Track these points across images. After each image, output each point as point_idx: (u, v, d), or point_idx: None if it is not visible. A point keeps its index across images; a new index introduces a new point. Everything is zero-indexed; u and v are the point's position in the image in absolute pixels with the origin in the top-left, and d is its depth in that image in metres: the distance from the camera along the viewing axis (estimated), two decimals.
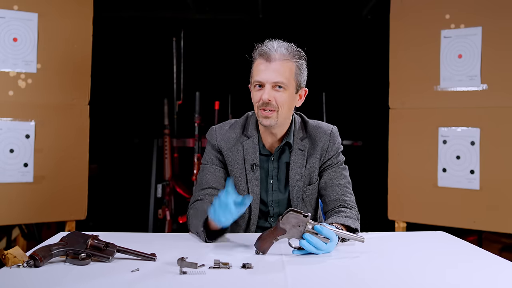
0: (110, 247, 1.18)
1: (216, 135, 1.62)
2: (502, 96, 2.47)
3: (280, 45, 1.48)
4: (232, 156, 1.59)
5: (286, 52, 1.47)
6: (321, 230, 1.24)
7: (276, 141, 1.58)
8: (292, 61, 1.48)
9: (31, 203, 2.50)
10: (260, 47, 1.49)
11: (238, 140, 1.60)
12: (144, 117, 4.03)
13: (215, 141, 1.61)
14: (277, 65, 1.45)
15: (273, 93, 1.46)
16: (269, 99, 1.45)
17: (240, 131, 1.61)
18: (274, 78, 1.45)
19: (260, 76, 1.47)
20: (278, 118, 1.49)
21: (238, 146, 1.59)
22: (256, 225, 1.61)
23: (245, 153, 1.58)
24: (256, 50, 1.51)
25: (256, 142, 1.58)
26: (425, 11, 2.68)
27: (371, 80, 3.95)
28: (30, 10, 2.50)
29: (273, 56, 1.46)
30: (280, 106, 1.47)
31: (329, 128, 1.63)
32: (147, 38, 4.04)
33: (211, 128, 1.66)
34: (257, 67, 1.49)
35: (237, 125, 1.63)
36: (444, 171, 2.62)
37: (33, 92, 2.51)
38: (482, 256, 1.29)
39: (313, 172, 1.59)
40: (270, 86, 1.46)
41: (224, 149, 1.60)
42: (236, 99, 3.83)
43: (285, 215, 1.27)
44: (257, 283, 1.03)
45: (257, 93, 1.49)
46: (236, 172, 1.59)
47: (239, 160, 1.58)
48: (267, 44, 1.49)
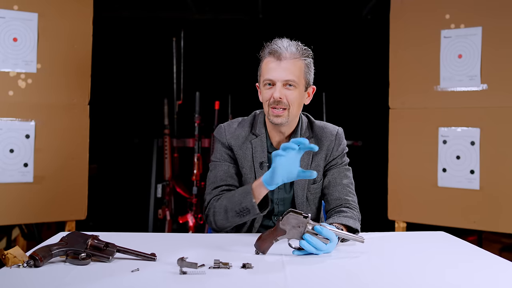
0: (110, 247, 1.18)
1: (226, 133, 1.63)
2: (502, 96, 2.47)
3: (290, 44, 1.50)
4: (242, 154, 1.60)
5: (296, 51, 1.50)
6: (321, 230, 1.24)
7: (283, 139, 1.59)
8: (301, 59, 1.50)
9: (31, 203, 2.50)
10: (270, 46, 1.50)
11: (247, 138, 1.61)
12: (144, 117, 4.03)
13: (224, 139, 1.62)
14: (287, 63, 1.47)
15: (284, 91, 1.48)
16: (280, 97, 1.47)
17: (249, 129, 1.62)
18: (285, 76, 1.47)
19: (271, 74, 1.48)
20: (289, 116, 1.50)
21: (247, 144, 1.60)
22: (260, 222, 1.61)
23: (254, 151, 1.59)
24: (265, 49, 1.52)
25: (264, 141, 1.59)
26: (425, 11, 2.68)
27: (371, 80, 3.95)
28: (30, 10, 2.50)
29: (283, 55, 1.47)
30: (291, 104, 1.49)
31: (335, 129, 1.64)
32: (147, 38, 4.04)
33: (219, 126, 1.66)
34: (267, 66, 1.50)
35: (245, 123, 1.64)
36: (444, 171, 2.62)
37: (33, 92, 2.51)
38: (482, 256, 1.29)
39: (318, 171, 1.60)
40: (281, 84, 1.48)
41: (234, 146, 1.61)
42: (236, 99, 3.83)
43: (285, 215, 1.27)
44: (257, 283, 1.03)
45: (267, 92, 1.50)
46: (245, 169, 1.60)
47: (248, 157, 1.59)
48: (276, 42, 1.50)
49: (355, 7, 4.06)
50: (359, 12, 4.10)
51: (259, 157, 1.58)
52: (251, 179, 1.58)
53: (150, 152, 3.81)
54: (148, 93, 4.02)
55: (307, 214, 1.26)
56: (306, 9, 4.07)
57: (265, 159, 1.58)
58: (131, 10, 4.09)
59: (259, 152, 1.59)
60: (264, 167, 1.58)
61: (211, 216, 1.51)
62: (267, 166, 1.58)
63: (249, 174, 1.59)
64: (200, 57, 4.01)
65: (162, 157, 3.64)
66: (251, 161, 1.59)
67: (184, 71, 3.79)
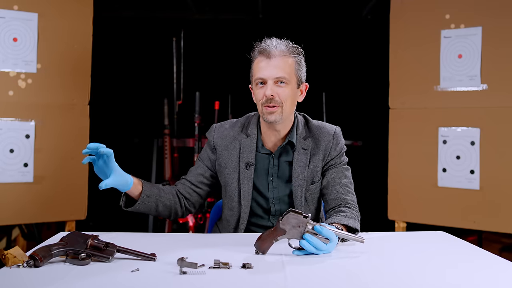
0: (110, 247, 1.18)
1: (214, 132, 1.66)
2: (502, 96, 2.47)
3: (279, 42, 1.51)
4: (227, 154, 1.62)
5: (285, 48, 1.51)
6: (321, 230, 1.24)
7: (279, 139, 1.59)
8: (291, 56, 1.51)
9: (31, 203, 2.50)
10: (259, 45, 1.52)
11: (235, 137, 1.62)
12: (144, 117, 4.03)
13: (211, 138, 1.66)
14: (277, 61, 1.48)
15: (276, 89, 1.49)
16: (272, 94, 1.48)
17: (240, 129, 1.64)
18: (276, 73, 1.48)
19: (261, 73, 1.49)
20: (283, 113, 1.51)
21: (235, 144, 1.61)
22: (246, 224, 1.62)
23: (242, 151, 1.60)
24: (255, 49, 1.54)
25: (254, 141, 1.60)
26: (425, 11, 2.68)
27: (371, 80, 3.95)
28: (30, 10, 2.50)
29: (273, 53, 1.48)
30: (284, 101, 1.49)
31: (333, 128, 1.64)
32: (147, 38, 4.04)
33: (212, 125, 1.70)
34: (258, 65, 1.51)
35: (237, 124, 1.67)
36: (444, 171, 2.62)
37: (33, 92, 2.51)
38: (482, 256, 1.29)
39: (316, 172, 1.60)
40: (272, 82, 1.48)
41: (219, 146, 1.63)
42: (236, 99, 3.83)
43: (285, 215, 1.27)
44: (257, 283, 1.03)
45: (259, 91, 1.51)
46: (228, 169, 1.61)
47: (234, 157, 1.61)
48: (266, 42, 1.52)
49: (355, 7, 4.06)
50: (359, 12, 4.10)
51: (247, 157, 1.59)
52: (233, 179, 1.60)
53: (150, 152, 3.81)
54: (148, 93, 4.02)
55: (307, 214, 1.26)
56: (306, 9, 4.07)
57: (252, 159, 1.59)
58: (131, 10, 4.09)
59: (247, 152, 1.59)
60: (250, 168, 1.58)
61: None
62: (253, 167, 1.59)
63: (232, 174, 1.61)
64: (200, 57, 4.01)
65: (162, 157, 3.64)
66: (237, 161, 1.60)
67: (184, 71, 3.79)
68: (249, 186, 1.59)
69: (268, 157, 1.60)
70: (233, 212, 1.62)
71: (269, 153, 1.60)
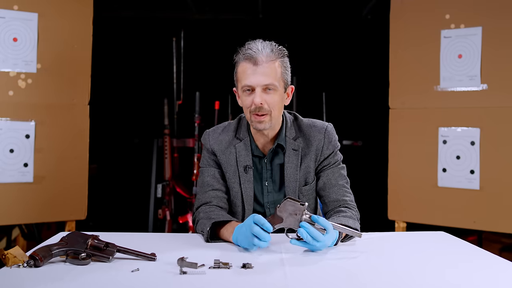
0: (110, 247, 1.18)
1: (209, 138, 1.64)
2: (502, 96, 2.47)
3: (264, 46, 1.47)
4: (225, 159, 1.60)
5: (271, 52, 1.47)
6: (318, 219, 1.25)
7: (268, 142, 1.58)
8: (278, 60, 1.48)
9: (31, 203, 2.50)
10: (244, 50, 1.47)
11: (230, 142, 1.60)
12: (144, 117, 4.03)
13: (208, 145, 1.63)
14: (264, 68, 1.45)
15: (264, 96, 1.46)
16: (261, 102, 1.45)
17: (233, 134, 1.62)
18: (264, 81, 1.45)
19: (249, 80, 1.46)
20: (272, 120, 1.49)
21: (231, 149, 1.60)
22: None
23: (238, 155, 1.58)
24: (239, 53, 1.50)
25: (248, 144, 1.58)
26: (425, 11, 2.68)
27: (371, 80, 3.95)
28: (30, 10, 2.50)
29: (260, 59, 1.44)
30: (272, 108, 1.47)
31: (324, 126, 1.60)
32: (147, 38, 4.04)
33: (205, 132, 1.68)
34: (244, 72, 1.47)
35: (230, 128, 1.64)
36: (444, 171, 2.62)
37: (33, 92, 2.51)
38: (482, 256, 1.29)
39: (308, 173, 1.58)
40: (261, 89, 1.45)
41: (217, 152, 1.61)
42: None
43: (282, 202, 1.28)
44: (257, 283, 1.03)
45: (247, 98, 1.48)
46: (229, 174, 1.60)
47: (232, 162, 1.59)
48: (251, 46, 1.47)
49: (355, 7, 4.06)
50: (359, 12, 4.10)
51: (244, 161, 1.57)
52: (235, 183, 1.58)
53: (150, 152, 3.81)
54: (148, 93, 4.02)
55: (304, 202, 1.27)
56: (306, 9, 4.07)
57: (250, 162, 1.57)
58: (131, 10, 4.09)
59: (243, 156, 1.58)
60: (249, 171, 1.57)
61: (195, 223, 1.54)
62: (251, 170, 1.57)
63: (233, 179, 1.59)
64: (200, 57, 4.01)
65: (162, 157, 3.64)
66: (235, 165, 1.58)
67: (184, 71, 3.79)
68: (250, 189, 1.58)
69: (261, 161, 1.59)
70: (236, 216, 1.61)
71: (262, 156, 1.59)
